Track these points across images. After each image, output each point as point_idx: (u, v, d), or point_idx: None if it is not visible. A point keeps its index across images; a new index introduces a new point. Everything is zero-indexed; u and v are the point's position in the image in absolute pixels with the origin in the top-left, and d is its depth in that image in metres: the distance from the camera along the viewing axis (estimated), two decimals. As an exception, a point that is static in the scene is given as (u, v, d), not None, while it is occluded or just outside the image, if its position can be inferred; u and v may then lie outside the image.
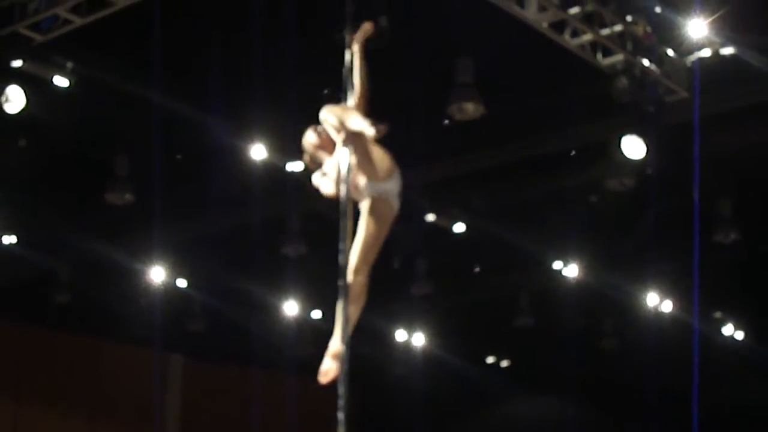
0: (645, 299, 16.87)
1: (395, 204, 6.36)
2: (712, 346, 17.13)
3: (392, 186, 6.34)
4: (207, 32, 10.81)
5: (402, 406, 20.93)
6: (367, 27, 6.38)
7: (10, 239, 14.88)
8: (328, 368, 6.22)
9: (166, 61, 10.32)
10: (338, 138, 6.22)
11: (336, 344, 6.13)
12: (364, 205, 6.27)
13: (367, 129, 5.97)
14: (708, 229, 13.74)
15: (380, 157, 6.29)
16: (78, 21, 9.87)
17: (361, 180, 6.17)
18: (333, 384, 5.98)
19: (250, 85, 10.68)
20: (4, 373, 17.63)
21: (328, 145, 6.40)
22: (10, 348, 17.73)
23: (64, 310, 16.81)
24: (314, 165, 6.49)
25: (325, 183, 6.41)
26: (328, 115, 6.19)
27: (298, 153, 6.55)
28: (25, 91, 10.20)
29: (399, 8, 9.95)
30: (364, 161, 6.15)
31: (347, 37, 6.31)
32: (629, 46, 10.30)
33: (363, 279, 6.27)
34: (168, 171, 12.19)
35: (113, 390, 18.90)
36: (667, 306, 16.92)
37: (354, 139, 6.09)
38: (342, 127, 6.13)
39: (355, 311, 6.23)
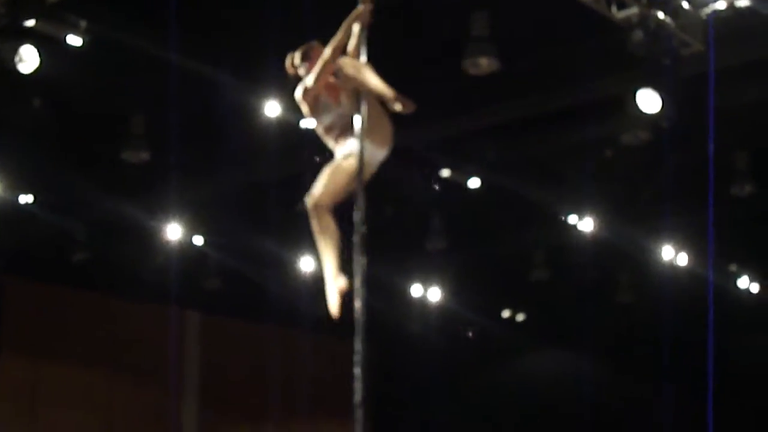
0: (660, 253, 16.87)
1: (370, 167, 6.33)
2: (728, 299, 17.12)
3: (381, 155, 6.34)
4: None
5: (418, 362, 21.02)
6: (361, 9, 6.31)
7: (26, 199, 14.93)
8: (335, 303, 6.28)
9: (180, 19, 10.31)
10: (344, 88, 6.23)
11: (330, 280, 6.18)
12: (343, 154, 6.27)
13: (389, 92, 6.00)
14: (724, 182, 13.71)
15: (385, 124, 6.30)
16: (91, -21, 9.85)
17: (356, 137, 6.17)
18: (349, 339, 6.01)
19: (263, 43, 10.64)
20: (22, 332, 17.73)
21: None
22: (28, 307, 17.82)
23: (81, 268, 16.88)
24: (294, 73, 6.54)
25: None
26: (348, 65, 6.18)
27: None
28: (38, 51, 10.19)
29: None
30: (372, 122, 6.16)
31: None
32: (644, -1, 10.24)
33: (328, 215, 6.28)
34: (183, 129, 12.19)
35: (131, 347, 19.00)
36: (682, 259, 16.92)
37: (369, 98, 6.10)
38: (360, 81, 6.13)
39: (333, 244, 6.26)
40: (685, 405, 15.73)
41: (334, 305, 6.30)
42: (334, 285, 6.26)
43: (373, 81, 6.17)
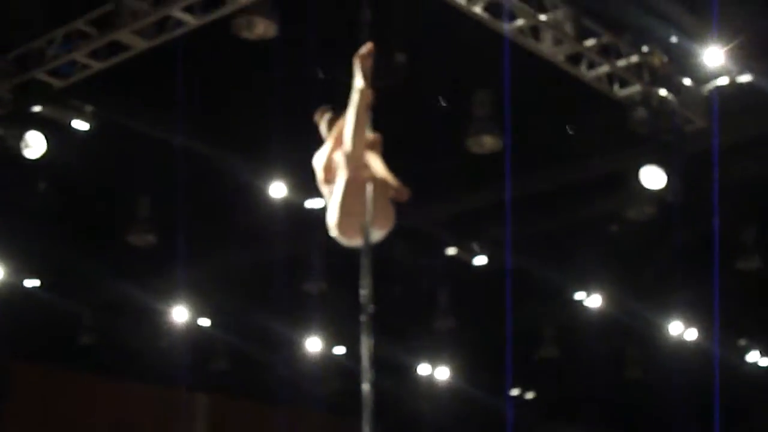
0: (668, 328, 16.81)
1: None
2: (737, 374, 17.03)
3: (380, 234, 6.34)
4: (225, 73, 10.87)
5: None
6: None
7: (33, 283, 14.94)
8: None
9: (185, 102, 10.38)
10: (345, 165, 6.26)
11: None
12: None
13: (392, 179, 6.05)
14: (731, 257, 13.70)
15: (387, 206, 6.31)
16: (96, 65, 9.94)
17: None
18: (357, 419, 5.96)
19: (268, 125, 10.72)
20: (29, 415, 17.64)
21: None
22: (35, 390, 17.76)
23: (88, 351, 16.84)
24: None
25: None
26: (352, 142, 6.21)
27: (316, 190, 6.58)
28: (45, 136, 10.26)
29: (416, 43, 10.01)
30: (376, 205, 6.18)
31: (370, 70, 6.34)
32: (646, 76, 10.30)
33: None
34: (189, 211, 12.23)
35: (139, 430, 18.89)
36: (691, 334, 16.85)
37: (377, 182, 6.14)
38: (362, 160, 6.16)
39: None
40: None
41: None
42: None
43: (378, 166, 6.20)
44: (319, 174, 6.53)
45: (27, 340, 16.60)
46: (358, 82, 6.24)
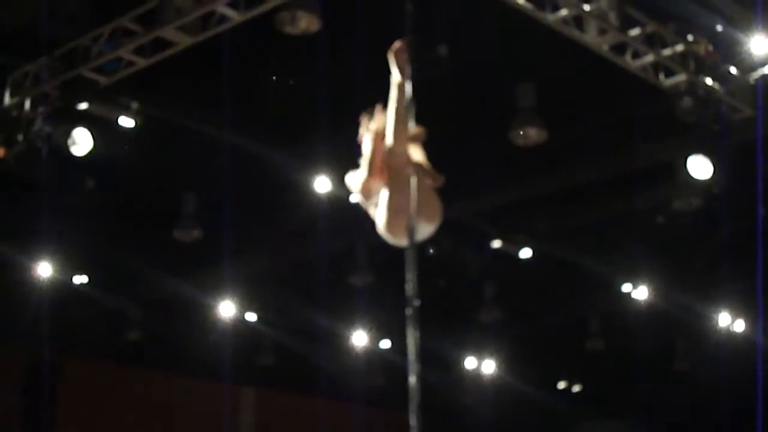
0: (717, 319, 16.69)
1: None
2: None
3: (429, 230, 6.31)
4: (269, 68, 10.91)
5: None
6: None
7: (81, 279, 15.07)
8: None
9: (231, 97, 10.42)
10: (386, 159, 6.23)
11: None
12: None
13: (432, 172, 6.03)
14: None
15: (433, 199, 6.29)
16: (141, 62, 9.99)
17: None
18: (403, 413, 5.96)
19: (313, 119, 10.74)
20: (78, 410, 17.80)
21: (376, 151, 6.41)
22: (84, 386, 17.91)
23: (136, 346, 16.97)
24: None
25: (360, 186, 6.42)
26: (395, 138, 6.19)
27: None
28: (91, 133, 10.34)
29: (459, 35, 9.99)
30: (421, 197, 6.16)
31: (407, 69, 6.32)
32: (691, 65, 10.22)
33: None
34: (235, 206, 12.28)
35: (187, 424, 19.02)
36: (739, 326, 16.72)
37: (419, 172, 6.12)
38: (405, 156, 6.15)
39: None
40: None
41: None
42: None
43: (417, 155, 6.20)
44: (356, 187, 6.51)
45: (75, 336, 16.75)
46: (395, 77, 6.23)
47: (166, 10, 9.49)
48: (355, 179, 6.49)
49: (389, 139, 6.21)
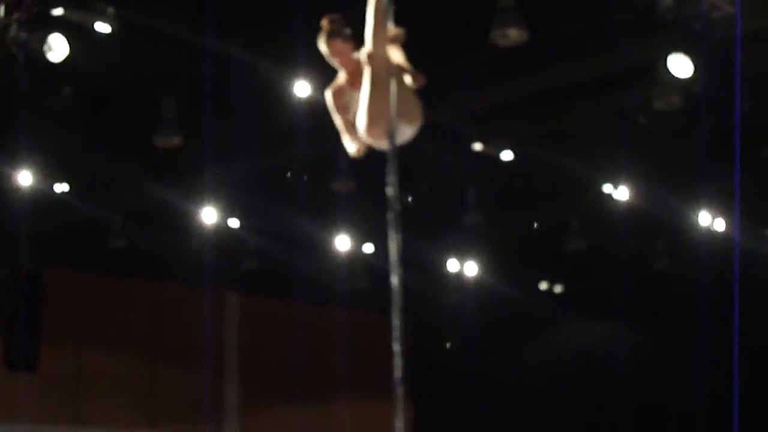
0: (697, 219, 16.76)
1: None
2: (764, 263, 17.00)
3: (410, 131, 6.28)
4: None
5: (455, 336, 21.03)
6: None
7: (62, 187, 15.01)
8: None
9: (208, 2, 10.30)
10: (367, 66, 6.17)
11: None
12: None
13: (407, 66, 5.98)
14: (758, 146, 13.59)
15: (413, 99, 6.25)
16: (117, -34, 9.86)
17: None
18: (386, 316, 6.00)
19: (293, 23, 10.63)
20: (64, 320, 17.87)
21: (345, 58, 6.36)
22: (68, 295, 17.96)
23: (118, 254, 16.97)
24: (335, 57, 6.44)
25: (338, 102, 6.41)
26: (374, 41, 6.13)
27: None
28: (67, 39, 10.22)
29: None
30: (400, 98, 6.12)
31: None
32: (673, -38, 10.14)
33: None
34: (215, 112, 12.20)
35: (171, 330, 19.14)
36: (719, 225, 16.79)
37: (399, 75, 6.08)
38: (385, 59, 6.11)
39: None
40: (719, 372, 15.65)
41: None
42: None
43: (397, 56, 6.15)
44: (330, 101, 6.48)
45: (57, 245, 16.74)
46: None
47: None
48: (329, 94, 6.47)
49: (368, 43, 6.17)
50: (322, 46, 6.41)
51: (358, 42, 6.40)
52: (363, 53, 6.24)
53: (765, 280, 16.41)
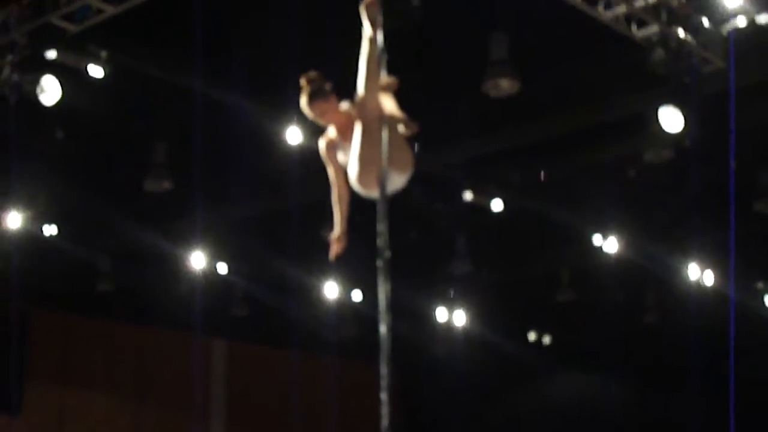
0: (686, 272, 16.77)
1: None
2: (754, 318, 17.01)
3: (401, 180, 6.28)
4: (241, 16, 10.81)
5: (444, 386, 20.94)
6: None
7: (51, 230, 14.98)
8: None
9: (201, 47, 10.33)
10: (361, 117, 6.18)
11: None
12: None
13: (400, 114, 5.99)
14: (748, 199, 13.64)
15: (405, 148, 6.25)
16: (110, 10, 9.90)
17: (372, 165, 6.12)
18: (374, 364, 5.97)
19: (284, 69, 10.66)
20: (50, 361, 17.79)
21: (331, 116, 6.35)
22: (55, 337, 17.88)
23: (107, 297, 16.92)
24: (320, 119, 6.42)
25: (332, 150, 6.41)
26: (365, 91, 6.15)
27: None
28: (60, 82, 10.24)
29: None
30: (392, 147, 6.12)
31: (378, 19, 6.27)
32: (664, 16, 10.20)
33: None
34: (205, 157, 12.22)
35: (158, 375, 19.04)
36: (708, 278, 16.81)
37: (390, 123, 6.08)
38: (377, 108, 6.12)
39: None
40: (712, 425, 15.60)
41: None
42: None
43: (389, 104, 6.16)
44: (323, 151, 6.48)
45: (45, 287, 16.68)
46: (367, 30, 6.18)
47: (135, -44, 9.40)
48: (322, 144, 6.48)
49: (361, 92, 6.18)
50: (305, 108, 6.38)
51: (344, 90, 6.39)
52: (354, 103, 6.25)
53: (756, 332, 16.39)
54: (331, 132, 6.42)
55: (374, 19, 6.17)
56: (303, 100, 6.34)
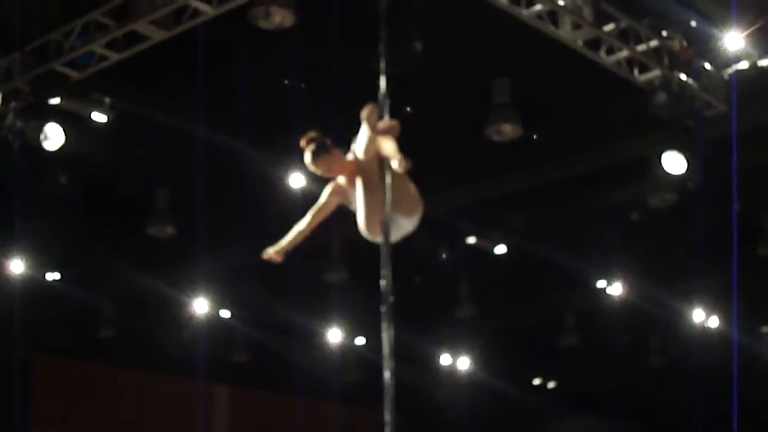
0: (691, 316, 16.72)
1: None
2: (760, 362, 16.94)
3: (410, 224, 6.27)
4: (243, 63, 10.85)
5: (448, 431, 20.82)
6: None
7: (53, 275, 14.97)
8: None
9: (204, 92, 10.36)
10: (362, 163, 6.19)
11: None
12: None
13: (399, 161, 5.98)
14: (753, 243, 13.61)
15: (411, 192, 6.25)
16: (114, 56, 9.93)
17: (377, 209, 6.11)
18: (378, 409, 5.94)
19: (287, 114, 10.69)
20: (51, 406, 17.71)
21: (337, 168, 6.35)
22: (57, 382, 17.82)
23: (109, 343, 16.88)
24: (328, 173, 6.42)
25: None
26: (364, 153, 6.17)
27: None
28: (63, 128, 10.26)
29: (434, 32, 9.95)
30: (397, 191, 6.12)
31: (381, 64, 6.29)
32: (666, 61, 10.24)
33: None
34: (208, 202, 12.22)
35: (160, 422, 18.94)
36: (713, 322, 16.76)
37: (388, 165, 6.08)
38: (376, 153, 6.12)
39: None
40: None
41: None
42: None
43: (388, 146, 6.15)
44: (328, 191, 6.47)
45: (48, 333, 16.63)
46: (366, 133, 6.19)
47: (138, 4, 9.43)
48: (328, 189, 6.47)
49: (359, 153, 6.20)
50: (311, 167, 6.37)
51: (351, 133, 6.39)
52: (353, 152, 6.26)
53: (761, 376, 16.31)
54: (341, 180, 6.41)
55: (374, 126, 6.18)
56: (307, 160, 6.34)
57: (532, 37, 9.70)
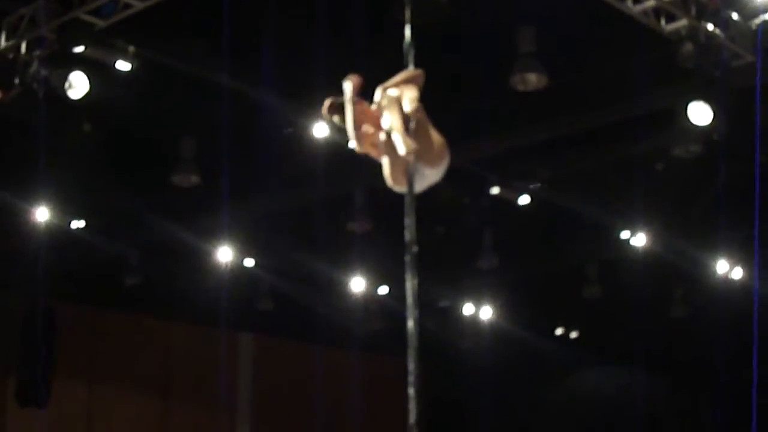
0: (715, 267, 16.69)
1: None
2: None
3: (436, 173, 6.25)
4: (270, 11, 10.82)
5: (471, 381, 20.93)
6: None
7: (78, 224, 15.03)
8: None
9: (229, 41, 10.34)
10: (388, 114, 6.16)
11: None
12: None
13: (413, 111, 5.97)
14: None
15: (435, 138, 6.22)
16: (138, 5, 9.91)
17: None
18: (401, 359, 5.96)
19: (312, 64, 10.66)
20: (78, 356, 17.84)
21: (365, 115, 6.32)
22: (82, 332, 17.94)
23: (133, 292, 16.96)
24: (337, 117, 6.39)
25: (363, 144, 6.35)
26: (394, 87, 6.14)
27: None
28: (88, 77, 10.26)
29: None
30: (422, 139, 6.10)
31: (406, 13, 6.27)
32: (693, 10, 10.14)
33: None
34: (233, 151, 12.22)
35: (184, 370, 19.09)
36: (737, 273, 16.72)
37: (417, 116, 6.07)
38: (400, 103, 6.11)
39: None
40: (738, 419, 15.52)
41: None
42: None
43: (409, 95, 6.12)
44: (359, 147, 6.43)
45: (73, 282, 16.73)
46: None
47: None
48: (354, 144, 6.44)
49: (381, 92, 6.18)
50: (353, 140, 6.34)
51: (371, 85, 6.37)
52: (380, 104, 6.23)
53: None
54: (368, 128, 6.38)
55: (350, 98, 6.15)
56: (337, 121, 6.33)
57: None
